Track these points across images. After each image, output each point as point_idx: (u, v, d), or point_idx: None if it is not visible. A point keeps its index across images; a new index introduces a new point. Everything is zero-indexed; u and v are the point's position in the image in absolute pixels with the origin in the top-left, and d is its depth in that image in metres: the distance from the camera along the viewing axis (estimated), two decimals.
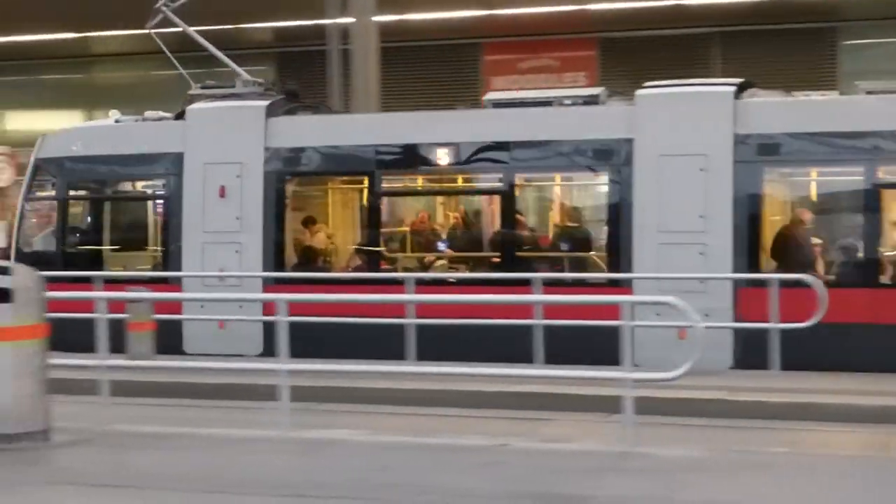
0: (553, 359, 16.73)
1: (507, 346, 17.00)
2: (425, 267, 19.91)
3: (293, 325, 12.25)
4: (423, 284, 18.30)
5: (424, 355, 17.19)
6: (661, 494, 9.26)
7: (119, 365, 14.05)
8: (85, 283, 18.76)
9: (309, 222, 20.53)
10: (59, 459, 10.90)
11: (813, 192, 18.73)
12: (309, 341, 13.71)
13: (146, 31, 21.48)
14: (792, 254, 17.69)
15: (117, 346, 14.84)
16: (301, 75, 31.82)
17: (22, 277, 11.26)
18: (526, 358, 16.92)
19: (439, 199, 21.43)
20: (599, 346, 14.33)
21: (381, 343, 17.43)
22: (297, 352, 12.26)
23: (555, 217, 20.49)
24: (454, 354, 15.75)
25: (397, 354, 17.20)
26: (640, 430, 11.13)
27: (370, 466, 10.35)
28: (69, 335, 12.98)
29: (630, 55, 30.34)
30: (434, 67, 31.64)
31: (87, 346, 13.10)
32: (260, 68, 33.07)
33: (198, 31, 21.47)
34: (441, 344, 16.93)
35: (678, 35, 30.26)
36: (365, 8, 25.34)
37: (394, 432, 12.44)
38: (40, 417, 11.27)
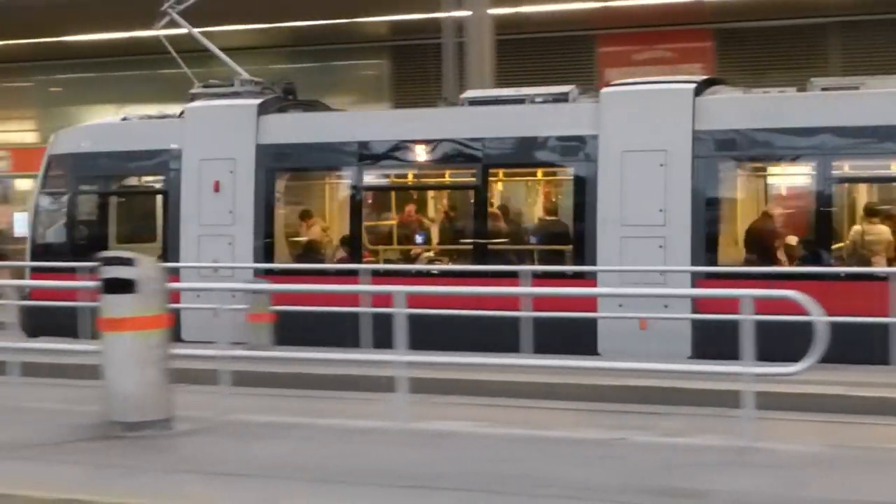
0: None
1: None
2: (411, 258, 20.51)
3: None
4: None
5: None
6: (780, 490, 9.17)
7: (239, 355, 14.26)
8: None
9: (305, 216, 21.22)
10: (181, 448, 11.06)
11: (769, 186, 19.36)
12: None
13: (155, 32, 22.29)
14: (763, 246, 18.12)
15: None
16: (416, 68, 32.03)
17: (145, 268, 11.46)
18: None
19: (426, 192, 21.88)
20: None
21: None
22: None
23: (529, 210, 21.18)
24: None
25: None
26: (759, 425, 11.04)
27: (489, 458, 10.37)
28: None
29: (748, 46, 30.07)
30: (549, 60, 31.52)
31: None
32: (374, 62, 33.32)
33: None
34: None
35: (796, 25, 29.89)
36: (480, 1, 25.41)
37: (512, 425, 12.43)
38: (163, 406, 11.47)
